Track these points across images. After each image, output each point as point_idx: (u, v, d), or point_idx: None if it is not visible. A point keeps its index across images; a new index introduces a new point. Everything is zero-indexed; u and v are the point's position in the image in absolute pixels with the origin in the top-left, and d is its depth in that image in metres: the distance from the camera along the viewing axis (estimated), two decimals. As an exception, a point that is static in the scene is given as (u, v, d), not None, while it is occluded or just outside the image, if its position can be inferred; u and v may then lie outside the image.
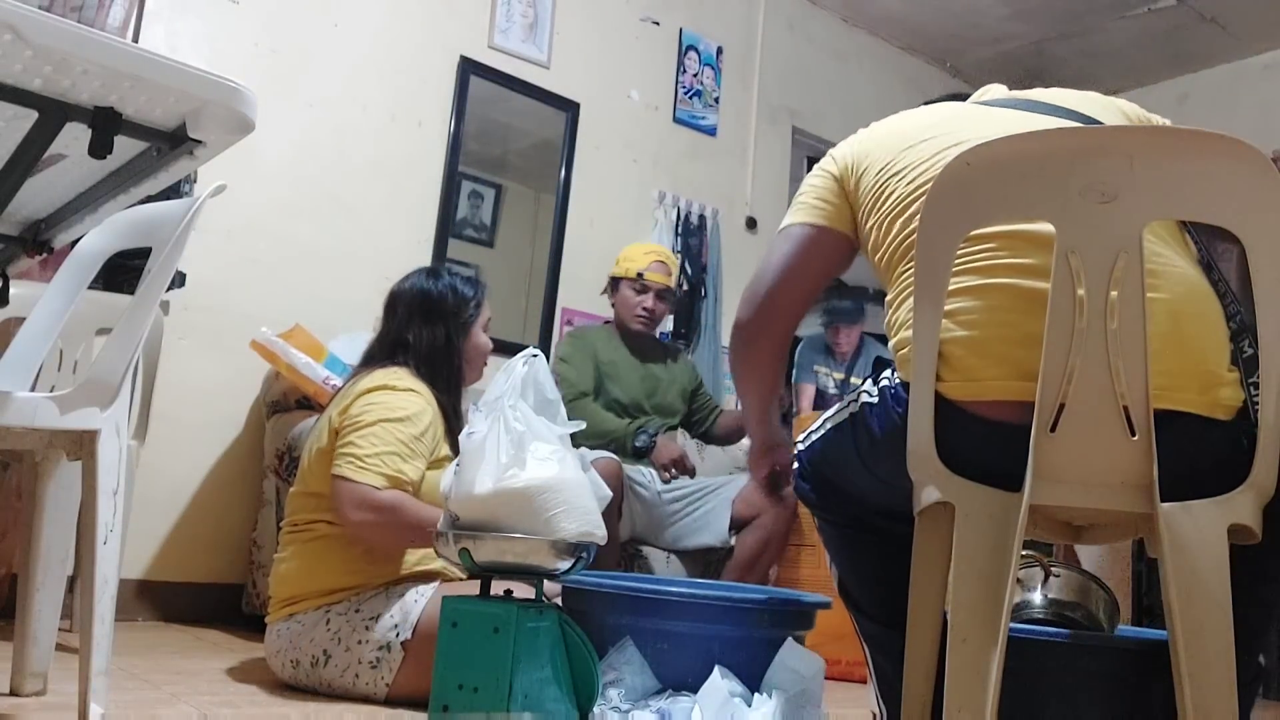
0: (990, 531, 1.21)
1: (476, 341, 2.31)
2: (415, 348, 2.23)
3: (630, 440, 3.07)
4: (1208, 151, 1.19)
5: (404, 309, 2.29)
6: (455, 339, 2.26)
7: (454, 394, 2.23)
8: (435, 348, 2.23)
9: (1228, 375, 1.25)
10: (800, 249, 1.59)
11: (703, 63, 4.45)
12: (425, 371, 2.20)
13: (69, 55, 1.06)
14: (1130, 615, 3.07)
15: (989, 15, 4.81)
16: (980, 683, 1.17)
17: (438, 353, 2.23)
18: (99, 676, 1.48)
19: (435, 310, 2.26)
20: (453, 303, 2.27)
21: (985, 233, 1.30)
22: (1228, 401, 1.24)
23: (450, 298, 2.28)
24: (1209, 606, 1.15)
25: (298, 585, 2.09)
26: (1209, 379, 1.24)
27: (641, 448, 3.06)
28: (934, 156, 1.40)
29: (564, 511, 1.66)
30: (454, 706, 1.61)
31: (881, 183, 1.47)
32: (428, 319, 2.25)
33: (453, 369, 2.24)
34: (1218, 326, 1.27)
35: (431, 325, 2.25)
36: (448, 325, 2.25)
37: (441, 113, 3.72)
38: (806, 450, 1.57)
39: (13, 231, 1.60)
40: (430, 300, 2.27)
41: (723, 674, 1.89)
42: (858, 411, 1.43)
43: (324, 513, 2.10)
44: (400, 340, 2.25)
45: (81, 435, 1.53)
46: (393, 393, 2.11)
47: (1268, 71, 4.81)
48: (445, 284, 2.30)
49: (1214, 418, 1.23)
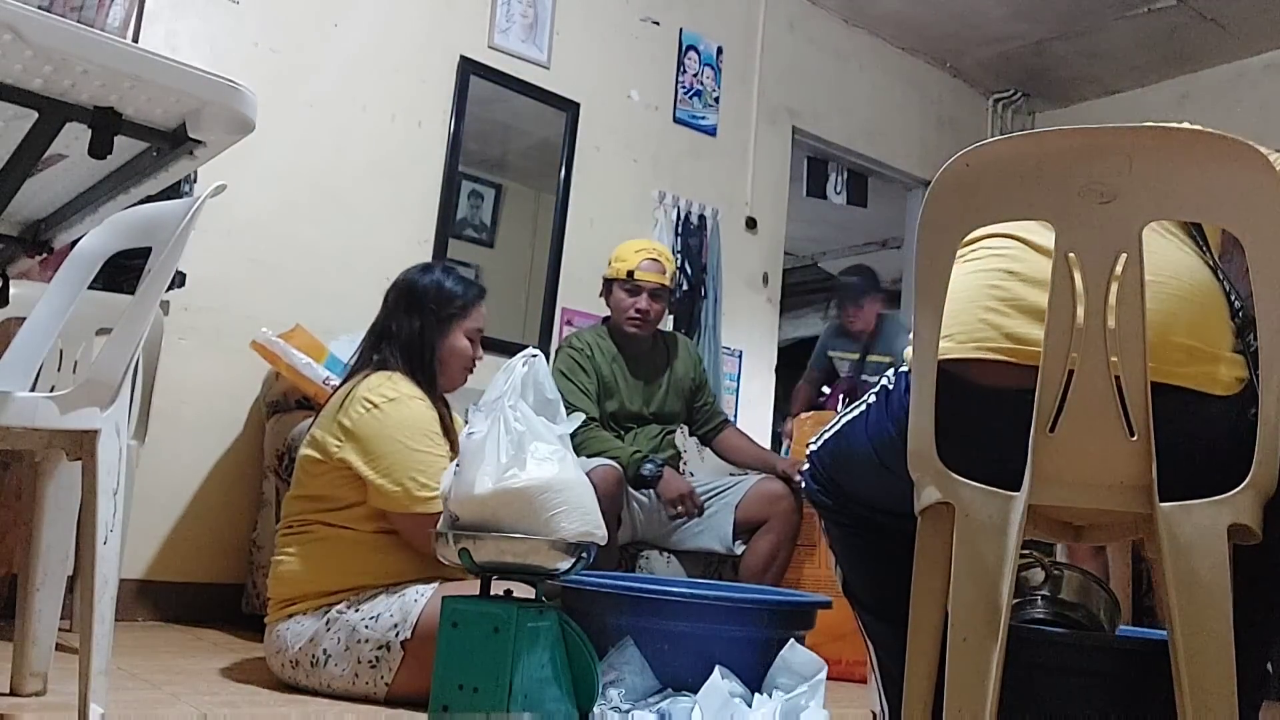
0: (990, 531, 1.22)
1: (454, 343, 2.27)
2: (397, 337, 2.24)
3: (634, 468, 2.93)
4: (1208, 151, 1.19)
5: (394, 297, 2.30)
6: (431, 334, 2.24)
7: (432, 391, 2.22)
8: (412, 339, 2.23)
9: (1226, 354, 1.25)
10: None
11: (703, 63, 4.45)
12: (407, 367, 2.20)
13: (69, 55, 1.06)
14: (1130, 615, 3.07)
15: (989, 15, 4.81)
16: (980, 682, 1.17)
17: (413, 345, 2.23)
18: (99, 676, 1.48)
19: (417, 302, 2.26)
20: (435, 297, 2.27)
21: (984, 234, 1.30)
22: (1225, 378, 1.24)
23: (434, 292, 2.27)
24: (1209, 606, 1.15)
25: (296, 586, 2.09)
26: (1202, 354, 1.24)
27: (648, 477, 2.94)
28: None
29: (564, 511, 1.66)
30: (454, 706, 1.61)
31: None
32: (409, 310, 2.26)
33: (425, 364, 2.23)
34: (1216, 311, 1.27)
35: (411, 316, 2.25)
36: (424, 319, 2.24)
37: (441, 113, 3.72)
38: (819, 450, 1.56)
39: (13, 231, 1.60)
40: (415, 291, 2.28)
41: (723, 674, 1.89)
42: (875, 400, 1.44)
43: (321, 514, 2.10)
44: (385, 329, 2.26)
45: (81, 435, 1.52)
46: (393, 406, 2.09)
47: (1268, 71, 4.81)
48: (433, 279, 2.30)
49: (1209, 392, 1.24)
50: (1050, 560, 1.75)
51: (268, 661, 2.13)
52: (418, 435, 2.08)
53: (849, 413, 1.52)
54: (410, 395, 2.13)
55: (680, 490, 2.93)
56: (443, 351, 2.25)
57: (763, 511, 3.00)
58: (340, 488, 2.09)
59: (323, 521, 2.10)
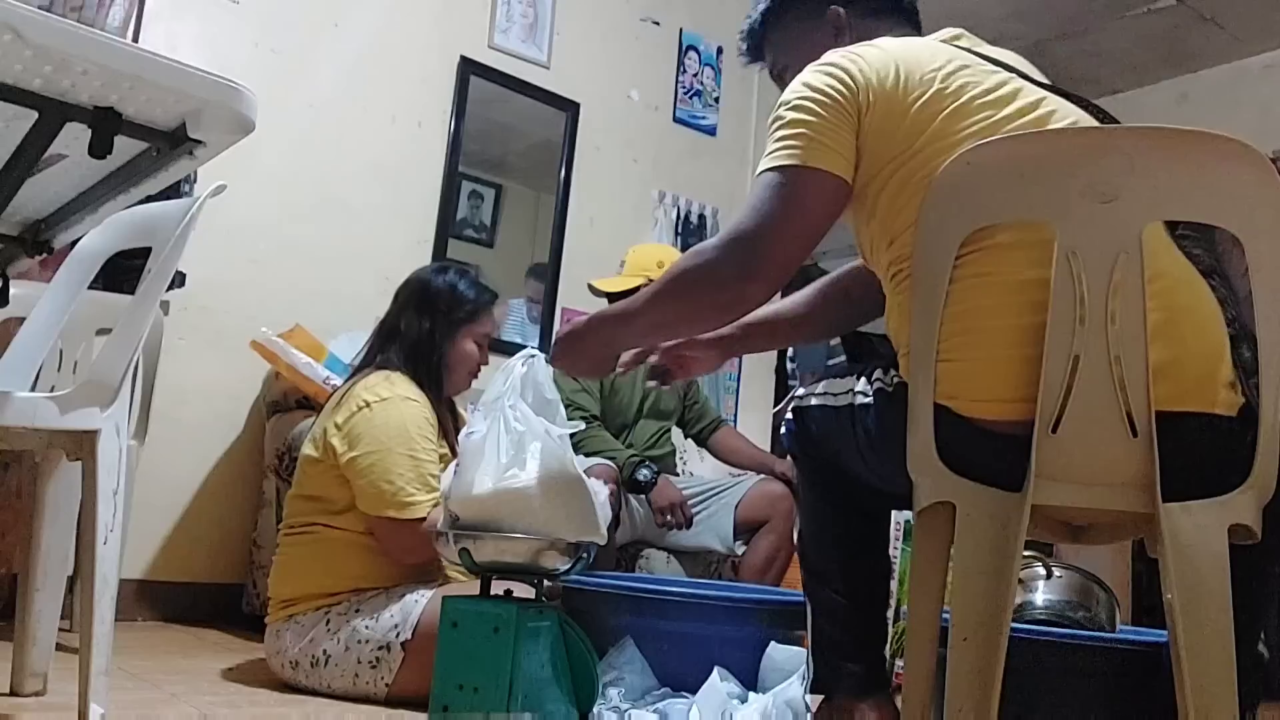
0: (991, 531, 1.21)
1: (462, 347, 2.27)
2: (405, 336, 2.23)
3: (630, 470, 2.95)
4: (1208, 152, 1.19)
5: (405, 295, 2.30)
6: (439, 336, 2.24)
7: (436, 393, 2.21)
8: (420, 339, 2.23)
9: (1225, 374, 1.25)
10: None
11: (703, 63, 4.45)
12: (410, 367, 2.20)
13: (69, 55, 1.06)
14: (1130, 615, 3.07)
15: (989, 15, 4.80)
16: (981, 682, 1.17)
17: (421, 345, 2.22)
18: (99, 676, 1.48)
19: (428, 303, 2.26)
20: (447, 299, 2.27)
21: (983, 233, 1.29)
22: (1226, 400, 1.24)
23: (446, 294, 2.27)
24: (1209, 606, 1.15)
25: (297, 586, 2.09)
26: (1209, 378, 1.23)
27: (643, 482, 2.94)
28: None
29: (564, 511, 1.66)
30: (454, 706, 1.61)
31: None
32: (419, 309, 2.26)
33: (433, 366, 2.23)
34: (1217, 327, 1.26)
35: (421, 316, 2.25)
36: (434, 320, 2.24)
37: (441, 113, 3.72)
38: (804, 410, 1.52)
39: (13, 231, 1.60)
40: (428, 291, 2.28)
41: (722, 675, 1.89)
42: (854, 407, 1.41)
43: (322, 515, 2.10)
44: (394, 327, 2.26)
45: (81, 435, 1.52)
46: (383, 406, 2.09)
47: (1268, 71, 4.81)
48: (447, 280, 2.30)
49: (1216, 413, 1.23)
50: (1050, 560, 1.75)
51: (268, 661, 2.13)
52: (404, 438, 2.06)
53: (826, 396, 1.47)
54: (405, 396, 2.12)
55: (672, 500, 2.94)
56: (450, 355, 2.24)
57: (763, 511, 3.00)
58: (335, 488, 2.09)
59: (322, 523, 2.10)
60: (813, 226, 1.38)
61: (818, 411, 1.49)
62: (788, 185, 1.38)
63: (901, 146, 1.36)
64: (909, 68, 1.40)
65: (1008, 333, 1.24)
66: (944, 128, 1.34)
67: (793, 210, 1.38)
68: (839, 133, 1.38)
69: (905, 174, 1.36)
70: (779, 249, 1.38)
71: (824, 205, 1.39)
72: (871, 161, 1.39)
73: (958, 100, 1.35)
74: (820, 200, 1.38)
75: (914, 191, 1.33)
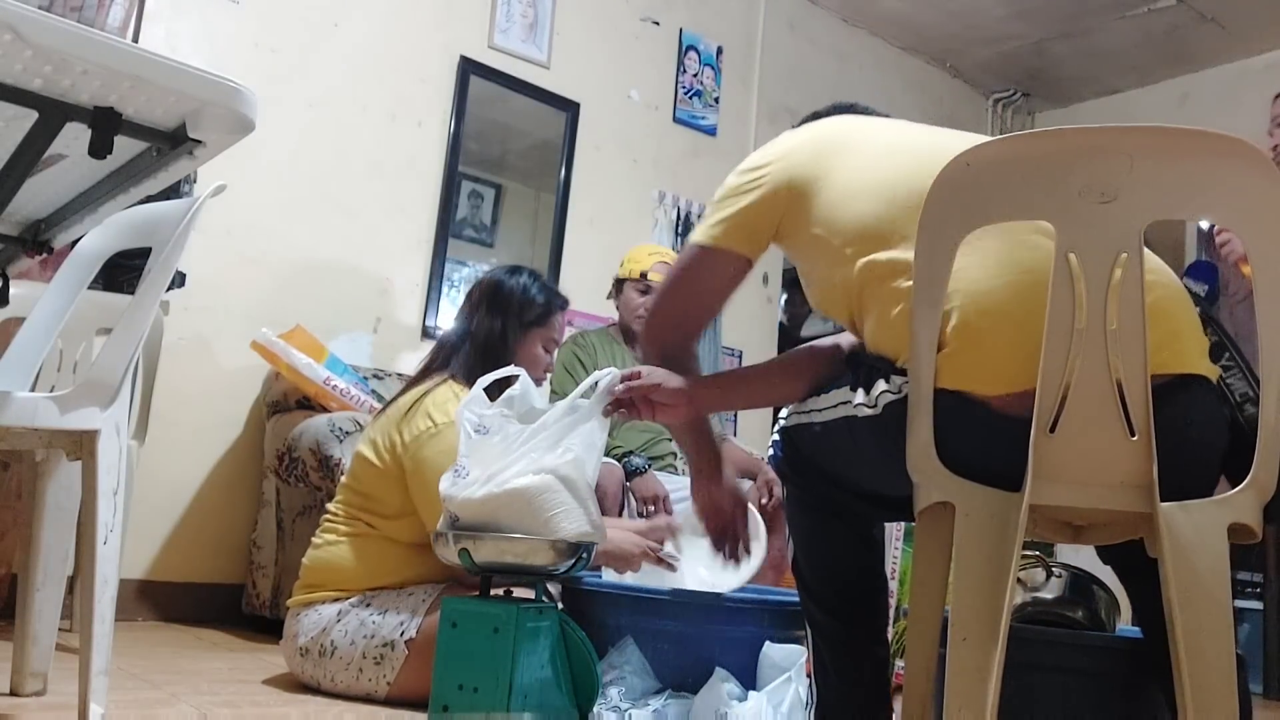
0: (990, 531, 1.21)
1: (530, 350, 2.27)
2: (475, 335, 2.24)
3: (625, 461, 2.98)
4: (1208, 151, 1.19)
5: (477, 295, 2.32)
6: (510, 336, 2.25)
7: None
8: (490, 338, 2.24)
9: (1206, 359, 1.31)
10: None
11: (703, 63, 4.45)
12: (480, 370, 2.17)
13: (69, 55, 1.06)
14: (1130, 615, 3.06)
15: (989, 15, 4.81)
16: (981, 682, 1.17)
17: (493, 345, 2.23)
18: (99, 676, 1.48)
19: (501, 302, 2.27)
20: (520, 300, 2.28)
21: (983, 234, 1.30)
22: (1209, 369, 1.30)
23: (519, 294, 2.29)
24: (1209, 606, 1.15)
25: (322, 574, 2.11)
26: (1196, 348, 1.29)
27: (632, 470, 2.97)
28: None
29: (563, 511, 1.66)
30: (454, 706, 1.61)
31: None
32: (491, 309, 2.27)
33: (499, 367, 2.22)
34: (1198, 325, 1.32)
35: (493, 316, 2.26)
36: (506, 320, 2.26)
37: (441, 113, 3.72)
38: (791, 430, 1.51)
39: (13, 231, 1.60)
40: (500, 291, 2.29)
41: (722, 676, 1.89)
42: (852, 419, 1.40)
43: (368, 514, 2.12)
44: (465, 328, 2.27)
45: (81, 435, 1.53)
46: (448, 431, 2.05)
47: (1268, 71, 4.80)
48: (519, 281, 2.31)
49: (1203, 375, 1.28)
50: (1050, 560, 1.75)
51: (282, 646, 2.14)
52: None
53: (823, 411, 1.46)
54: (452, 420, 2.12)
55: (655, 492, 2.97)
56: (519, 356, 2.23)
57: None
58: (391, 494, 2.10)
59: (367, 521, 2.12)
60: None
61: (805, 431, 1.48)
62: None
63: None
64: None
65: (1007, 313, 1.26)
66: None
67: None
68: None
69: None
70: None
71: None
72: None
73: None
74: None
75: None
